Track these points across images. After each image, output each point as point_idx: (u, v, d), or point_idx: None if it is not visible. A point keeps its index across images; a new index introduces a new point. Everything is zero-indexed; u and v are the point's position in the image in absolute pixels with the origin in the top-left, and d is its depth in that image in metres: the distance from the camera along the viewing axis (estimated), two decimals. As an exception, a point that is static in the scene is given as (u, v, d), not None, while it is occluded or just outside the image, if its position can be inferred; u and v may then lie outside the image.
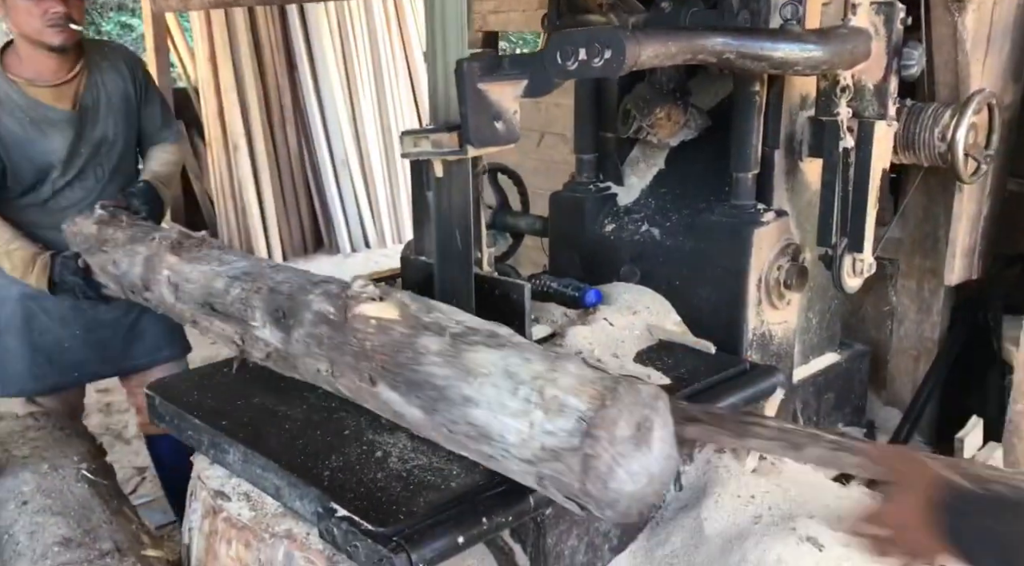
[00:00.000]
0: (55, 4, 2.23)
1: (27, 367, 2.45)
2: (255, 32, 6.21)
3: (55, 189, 2.39)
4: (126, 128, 2.50)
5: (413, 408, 1.39)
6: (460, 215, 1.83)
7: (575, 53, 1.51)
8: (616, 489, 1.18)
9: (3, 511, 1.76)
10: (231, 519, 1.54)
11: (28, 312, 2.45)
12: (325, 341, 1.51)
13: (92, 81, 2.42)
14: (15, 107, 2.30)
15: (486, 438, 1.28)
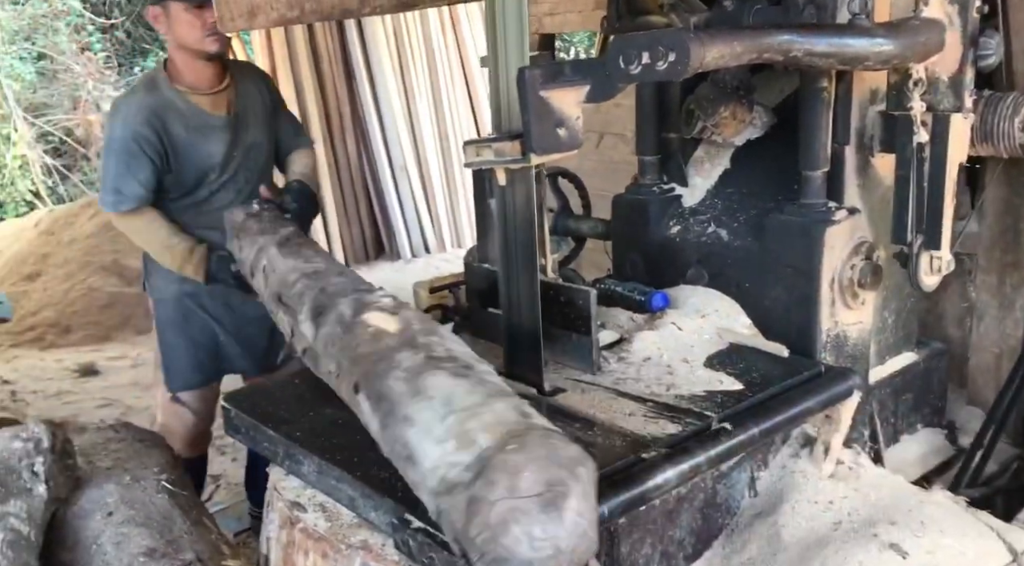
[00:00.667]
0: (212, 14, 2.46)
1: (189, 362, 2.66)
2: (314, 44, 6.32)
3: (211, 191, 2.59)
4: (267, 134, 2.71)
5: (375, 420, 1.34)
6: (523, 222, 1.83)
7: (638, 57, 1.49)
8: (508, 547, 1.02)
9: (90, 521, 1.81)
10: (308, 530, 1.56)
11: (186, 310, 2.64)
12: (336, 342, 1.52)
13: (240, 91, 2.64)
14: (179, 115, 2.51)
15: (411, 461, 1.21)
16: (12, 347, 5.25)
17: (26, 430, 1.88)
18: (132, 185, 2.46)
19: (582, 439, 1.59)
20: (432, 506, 1.17)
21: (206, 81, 2.56)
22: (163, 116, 2.48)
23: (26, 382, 4.62)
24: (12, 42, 9.74)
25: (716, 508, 1.78)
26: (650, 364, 1.87)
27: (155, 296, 2.70)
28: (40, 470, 1.81)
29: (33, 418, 2.34)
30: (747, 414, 1.68)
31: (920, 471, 2.20)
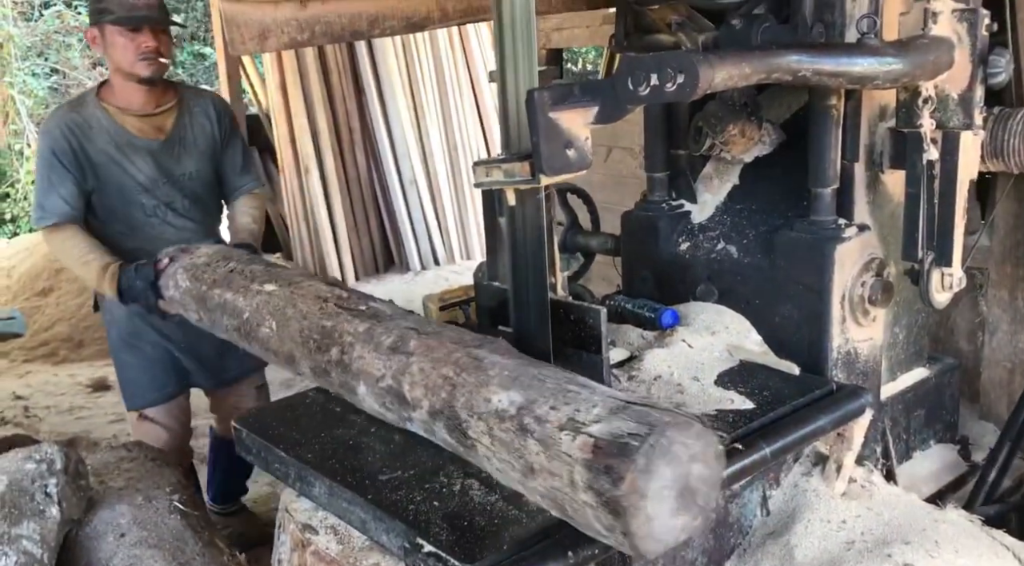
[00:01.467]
0: (148, 39, 2.46)
1: (146, 379, 2.67)
2: (323, 59, 6.35)
3: (145, 214, 2.58)
4: (206, 166, 2.68)
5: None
6: (533, 242, 1.83)
7: (647, 78, 1.50)
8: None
9: (103, 543, 1.82)
10: (319, 553, 1.56)
11: (137, 328, 2.64)
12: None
13: (181, 121, 2.63)
14: (103, 132, 2.52)
15: None
16: (25, 362, 5.28)
17: (39, 451, 1.89)
18: (54, 200, 2.47)
19: (593, 460, 1.58)
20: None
21: (137, 104, 2.56)
22: (83, 132, 2.49)
23: (39, 397, 4.64)
24: (25, 58, 9.83)
25: (728, 528, 1.77)
26: (661, 382, 1.87)
27: (106, 318, 2.70)
28: (53, 491, 1.82)
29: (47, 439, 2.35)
30: (759, 434, 1.67)
31: (933, 488, 2.19)
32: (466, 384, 1.40)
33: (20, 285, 5.96)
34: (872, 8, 1.79)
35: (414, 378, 1.48)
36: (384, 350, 1.56)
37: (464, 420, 1.38)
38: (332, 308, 1.73)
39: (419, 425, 1.51)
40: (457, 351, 1.48)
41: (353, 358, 1.60)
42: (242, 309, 1.93)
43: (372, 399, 1.59)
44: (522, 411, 1.30)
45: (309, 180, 6.37)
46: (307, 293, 1.83)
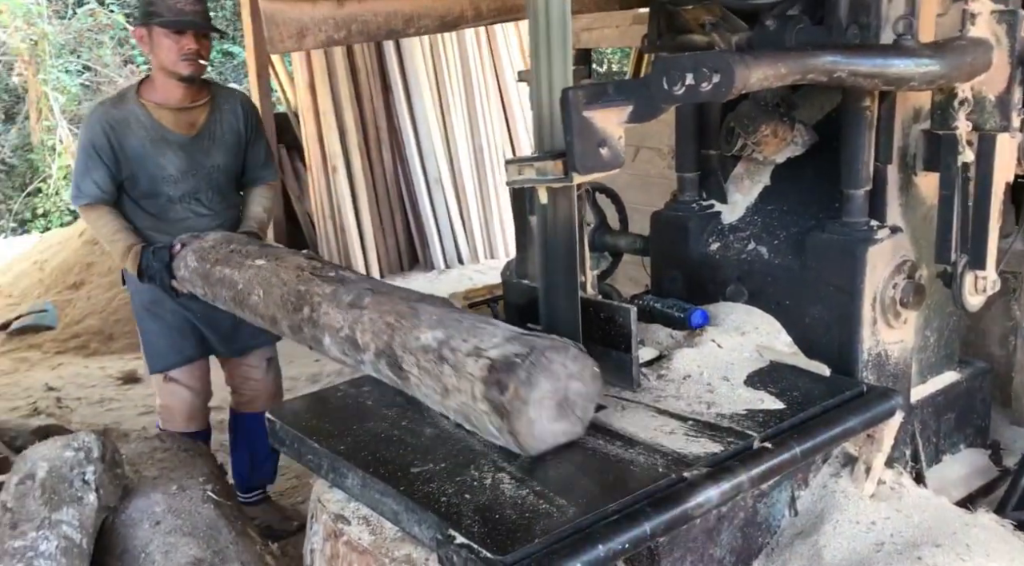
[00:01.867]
0: (190, 42, 2.67)
1: (167, 343, 2.86)
2: (351, 58, 6.40)
3: (169, 200, 2.79)
4: (232, 160, 2.89)
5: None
6: (564, 240, 1.85)
7: (682, 78, 1.51)
8: None
9: (138, 530, 1.85)
10: (352, 543, 1.58)
11: (158, 297, 2.81)
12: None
13: (212, 117, 2.82)
14: (140, 126, 2.73)
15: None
16: (57, 354, 5.36)
17: (77, 439, 1.93)
18: (88, 184, 2.72)
19: (624, 456, 1.60)
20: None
21: (175, 99, 2.75)
22: (122, 127, 2.72)
23: (71, 389, 4.71)
24: (59, 55, 9.98)
25: (756, 527, 1.77)
26: (690, 382, 1.88)
27: (131, 288, 2.91)
28: (91, 479, 1.86)
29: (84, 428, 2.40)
30: (789, 433, 1.67)
31: (963, 492, 2.18)
32: (403, 327, 1.72)
33: (52, 278, 6.06)
34: (909, 9, 1.79)
35: (364, 327, 1.79)
36: (344, 306, 1.87)
37: (400, 356, 1.70)
38: (307, 275, 2.05)
39: (369, 366, 1.81)
40: (400, 304, 1.79)
41: (320, 315, 1.92)
42: (236, 281, 2.26)
43: (335, 348, 1.89)
44: (442, 345, 1.62)
45: (336, 178, 6.42)
46: (289, 265, 2.15)
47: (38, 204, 9.36)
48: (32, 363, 5.24)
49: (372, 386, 2.02)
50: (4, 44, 9.78)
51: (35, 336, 5.61)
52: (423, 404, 1.87)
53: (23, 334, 5.63)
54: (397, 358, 1.69)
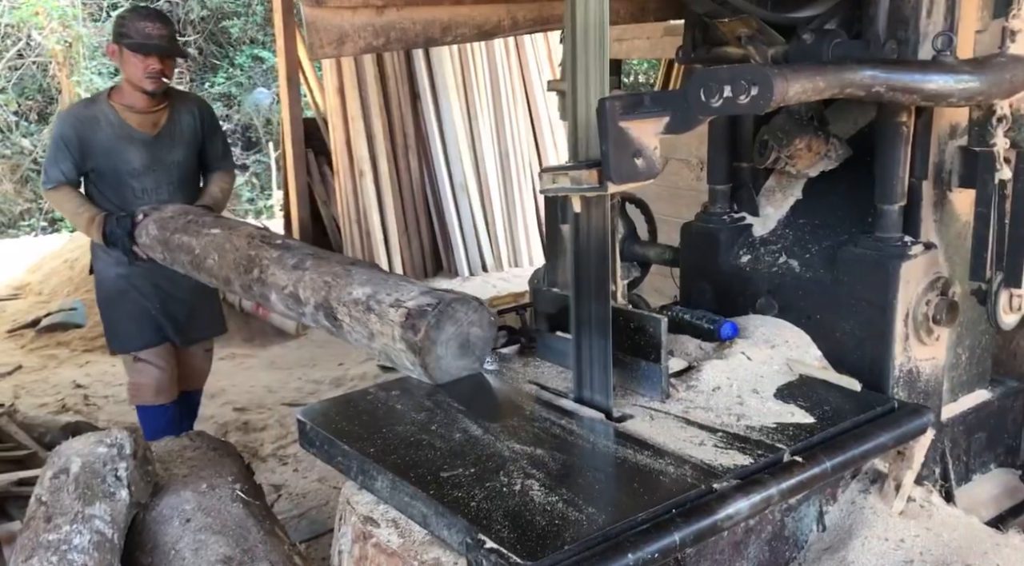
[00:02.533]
0: (155, 63, 3.06)
1: (128, 329, 3.24)
2: (381, 65, 6.45)
3: (135, 194, 3.13)
4: (191, 155, 3.29)
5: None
6: (597, 249, 1.85)
7: (719, 90, 1.51)
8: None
9: (168, 527, 1.87)
10: (380, 545, 1.59)
11: (122, 287, 3.22)
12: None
13: (171, 118, 3.22)
14: (108, 124, 3.12)
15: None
16: (85, 352, 5.43)
17: (110, 436, 1.96)
18: (55, 171, 3.11)
19: (653, 466, 1.60)
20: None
21: (139, 105, 3.14)
22: (91, 124, 3.09)
23: (98, 387, 4.77)
24: (92, 57, 10.13)
25: (784, 541, 1.77)
26: (720, 393, 1.88)
27: (97, 278, 3.29)
28: (123, 475, 1.89)
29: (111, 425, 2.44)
30: (819, 448, 1.67)
31: (993, 512, 2.15)
32: (338, 285, 2.06)
33: (82, 277, 6.13)
34: (948, 25, 1.79)
35: (306, 284, 2.13)
36: (288, 268, 2.21)
37: (335, 308, 2.04)
38: (256, 243, 2.39)
39: (309, 317, 2.14)
40: (336, 266, 2.13)
41: (268, 275, 2.25)
42: (194, 247, 2.61)
43: (280, 303, 2.22)
44: (369, 298, 1.98)
45: (363, 183, 6.46)
46: (241, 233, 2.49)
47: (68, 203, 9.46)
48: (60, 360, 5.32)
49: (401, 390, 2.03)
50: (39, 46, 9.93)
51: (64, 334, 5.69)
52: (451, 410, 1.89)
53: (52, 331, 5.70)
54: (333, 310, 2.04)
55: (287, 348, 5.46)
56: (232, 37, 12.01)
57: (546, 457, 1.64)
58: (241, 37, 12.08)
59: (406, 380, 2.09)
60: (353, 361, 5.00)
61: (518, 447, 1.69)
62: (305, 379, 4.86)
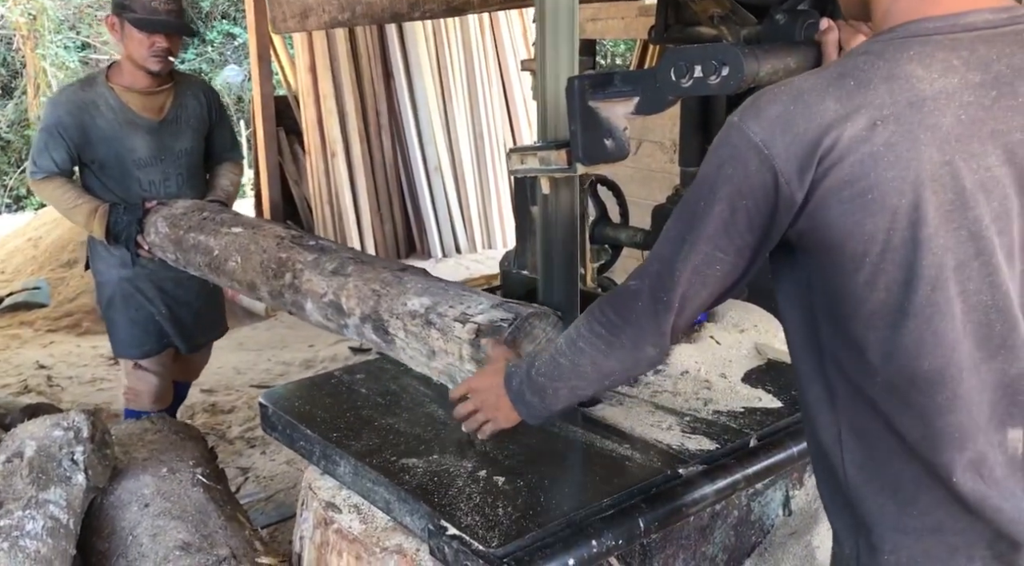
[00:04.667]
0: (161, 40, 2.70)
1: (129, 336, 2.95)
2: (353, 42, 6.36)
3: (139, 184, 2.81)
4: (199, 144, 2.96)
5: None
6: (566, 231, 1.83)
7: (690, 70, 1.48)
8: None
9: (127, 512, 1.83)
10: (342, 531, 1.57)
11: (126, 292, 2.91)
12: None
13: (177, 102, 2.88)
14: (108, 108, 2.76)
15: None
16: (49, 332, 5.33)
17: (67, 419, 1.91)
18: (46, 160, 2.73)
19: (619, 451, 1.58)
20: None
21: (141, 84, 2.79)
22: (90, 109, 2.73)
23: (62, 368, 4.69)
24: (58, 31, 9.91)
25: (750, 526, 1.76)
26: (688, 378, 1.86)
27: (98, 279, 2.97)
28: (80, 459, 1.84)
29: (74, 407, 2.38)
30: (785, 433, 1.66)
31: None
32: (389, 294, 1.79)
33: (46, 256, 6.02)
34: (920, 7, 1.76)
35: (349, 293, 1.86)
36: (327, 274, 1.94)
37: (386, 321, 1.77)
38: (287, 244, 2.11)
39: (353, 330, 1.88)
40: (384, 272, 1.87)
41: (303, 281, 1.98)
42: (212, 247, 2.31)
43: (317, 313, 1.95)
44: (428, 310, 1.70)
45: (335, 163, 6.39)
46: (267, 233, 2.22)
47: (34, 180, 9.29)
48: (24, 340, 5.22)
49: (366, 374, 2.00)
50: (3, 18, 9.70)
51: (27, 313, 5.58)
52: (417, 394, 1.86)
53: (15, 311, 5.60)
54: (383, 323, 1.78)
55: (256, 329, 5.40)
56: (203, 12, 11.81)
57: (512, 442, 1.62)
58: (212, 12, 11.88)
59: (371, 363, 2.06)
60: (323, 343, 4.95)
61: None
62: (275, 361, 4.81)
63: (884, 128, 0.98)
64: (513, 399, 1.37)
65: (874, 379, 1.04)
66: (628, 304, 1.19)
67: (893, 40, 1.03)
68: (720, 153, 1.07)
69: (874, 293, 1.01)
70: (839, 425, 1.10)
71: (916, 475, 1.05)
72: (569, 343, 1.28)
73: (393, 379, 1.95)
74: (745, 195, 1.04)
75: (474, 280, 5.20)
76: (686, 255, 1.11)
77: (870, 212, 0.98)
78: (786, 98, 1.02)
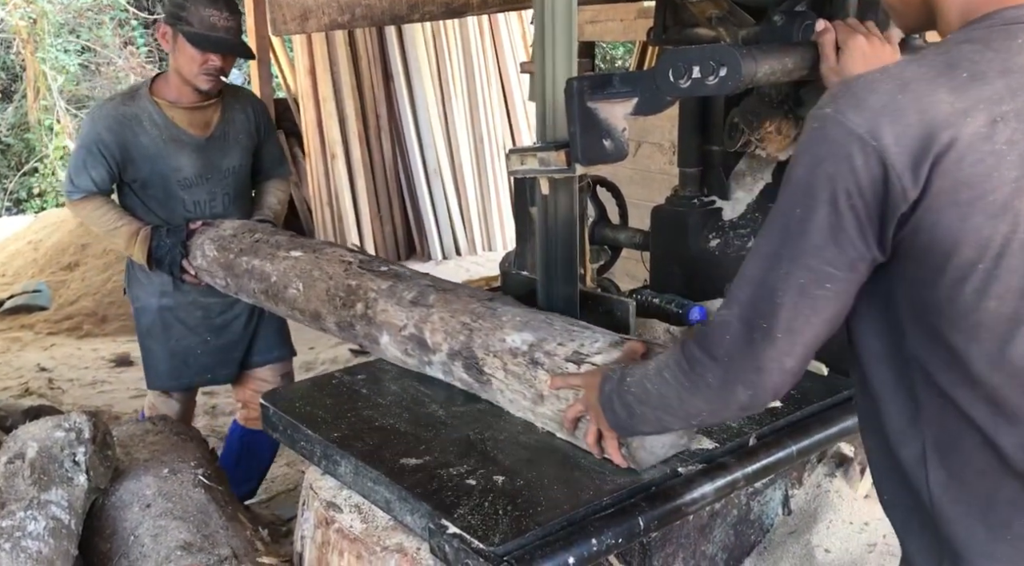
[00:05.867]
0: (216, 59, 2.55)
1: (168, 368, 2.77)
2: (353, 45, 6.37)
3: (184, 205, 2.66)
4: (247, 161, 2.81)
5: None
6: (565, 232, 1.84)
7: (688, 71, 1.49)
8: None
9: (128, 513, 1.84)
10: (343, 530, 1.57)
11: (166, 321, 2.73)
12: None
13: (225, 117, 2.72)
14: (153, 125, 2.60)
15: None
16: (50, 335, 5.34)
17: (68, 420, 1.92)
18: (85, 179, 2.59)
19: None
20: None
21: (187, 100, 2.64)
22: (131, 125, 2.58)
23: (63, 370, 4.70)
24: (58, 35, 9.92)
25: (749, 525, 1.77)
26: (687, 377, 1.86)
27: (136, 304, 2.80)
28: (81, 460, 1.85)
29: (76, 408, 2.39)
30: (784, 432, 1.67)
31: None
32: (482, 328, 1.63)
33: (47, 259, 6.03)
34: (917, 8, 1.77)
35: (435, 326, 1.71)
36: (406, 304, 1.78)
37: (480, 358, 1.61)
38: (356, 269, 1.93)
39: (438, 367, 1.73)
40: (472, 302, 1.72)
41: (377, 312, 1.82)
42: (269, 273, 2.13)
43: (394, 347, 1.80)
44: (533, 348, 1.54)
45: (335, 165, 6.40)
46: (331, 257, 2.03)
47: (34, 184, 9.31)
48: (24, 343, 5.23)
49: (367, 375, 2.01)
50: (2, 21, 9.72)
51: (28, 316, 5.60)
52: (418, 395, 1.87)
53: (16, 314, 5.61)
54: (477, 361, 1.60)
55: (257, 332, 5.40)
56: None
57: (510, 441, 1.63)
58: (212, 16, 11.86)
59: (372, 365, 2.07)
60: (324, 345, 4.96)
61: (483, 432, 1.67)
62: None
63: (1005, 126, 0.90)
64: (603, 403, 1.31)
65: (973, 391, 0.96)
66: (715, 337, 1.08)
67: (993, 28, 0.96)
68: (815, 151, 0.96)
69: (984, 302, 0.93)
70: (923, 441, 1.02)
71: (1012, 495, 0.98)
72: (657, 370, 1.18)
73: (394, 380, 1.95)
74: (852, 194, 0.93)
75: (474, 282, 5.20)
76: (787, 273, 0.99)
77: (990, 216, 0.91)
78: (890, 86, 0.93)
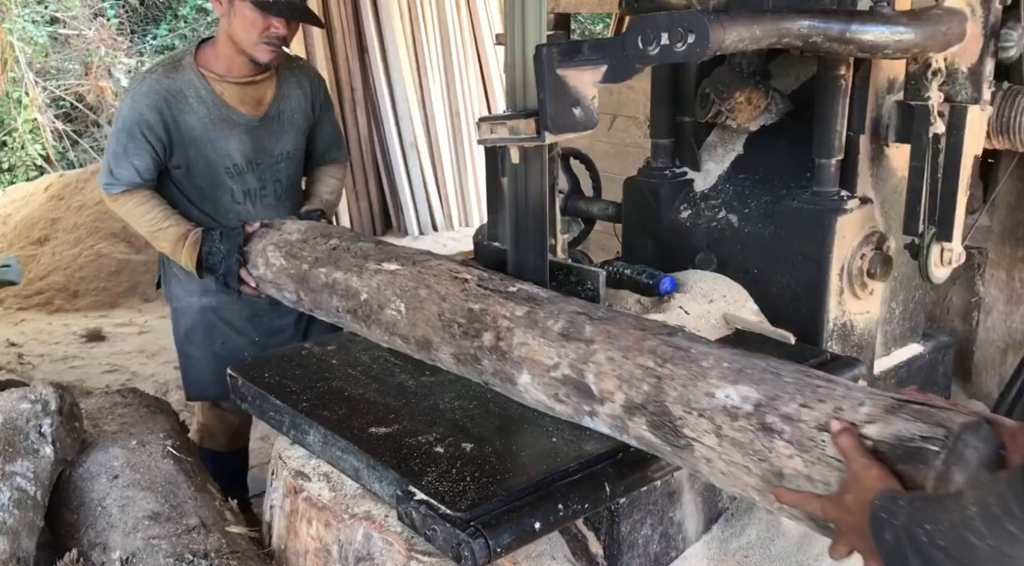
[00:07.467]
0: (280, 26, 2.22)
1: (211, 375, 2.44)
2: (327, 16, 6.28)
3: (232, 198, 2.38)
4: (302, 144, 2.50)
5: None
6: (535, 202, 1.83)
7: (657, 37, 1.48)
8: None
9: (96, 484, 1.83)
10: (311, 499, 1.57)
11: (209, 323, 2.46)
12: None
13: (280, 93, 2.40)
14: (200, 102, 2.30)
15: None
16: (20, 310, 5.27)
17: (34, 392, 1.90)
18: (127, 169, 2.28)
19: (586, 418, 1.58)
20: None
21: (238, 72, 2.32)
22: (177, 102, 2.27)
23: (33, 345, 4.65)
24: (26, 5, 9.70)
25: (716, 491, 1.79)
26: (656, 347, 1.87)
27: (174, 304, 2.52)
28: (47, 431, 1.83)
29: (41, 380, 2.36)
30: (751, 399, 1.67)
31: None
32: (675, 376, 1.29)
33: (16, 233, 5.94)
34: (886, -23, 1.77)
35: (601, 368, 1.38)
36: (554, 336, 1.45)
37: (678, 417, 1.27)
38: (476, 288, 1.62)
39: (604, 420, 1.41)
40: (648, 338, 1.37)
41: (513, 345, 1.49)
42: (357, 290, 1.80)
43: (539, 391, 1.48)
44: (761, 408, 1.18)
45: (309, 139, 6.33)
46: (439, 272, 1.71)
47: (3, 158, 9.14)
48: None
49: (338, 345, 2.00)
50: (-32, -8, 9.49)
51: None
52: (388, 365, 1.86)
53: (-15, 289, 5.53)
54: (672, 420, 1.28)
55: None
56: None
57: (480, 410, 1.63)
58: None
59: (342, 335, 2.06)
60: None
61: (452, 401, 1.68)
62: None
63: None
64: (887, 559, 0.99)
65: None
66: None
67: None
68: None
69: None
70: None
71: None
72: (991, 521, 0.87)
73: (364, 350, 1.95)
74: None
75: (451, 258, 5.18)
76: None
77: None
78: None
